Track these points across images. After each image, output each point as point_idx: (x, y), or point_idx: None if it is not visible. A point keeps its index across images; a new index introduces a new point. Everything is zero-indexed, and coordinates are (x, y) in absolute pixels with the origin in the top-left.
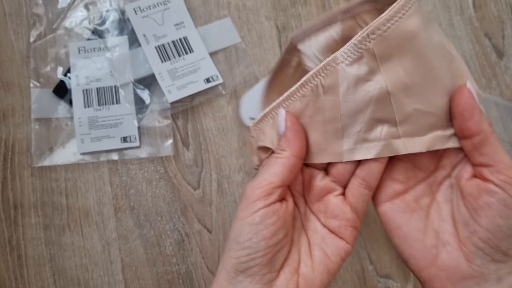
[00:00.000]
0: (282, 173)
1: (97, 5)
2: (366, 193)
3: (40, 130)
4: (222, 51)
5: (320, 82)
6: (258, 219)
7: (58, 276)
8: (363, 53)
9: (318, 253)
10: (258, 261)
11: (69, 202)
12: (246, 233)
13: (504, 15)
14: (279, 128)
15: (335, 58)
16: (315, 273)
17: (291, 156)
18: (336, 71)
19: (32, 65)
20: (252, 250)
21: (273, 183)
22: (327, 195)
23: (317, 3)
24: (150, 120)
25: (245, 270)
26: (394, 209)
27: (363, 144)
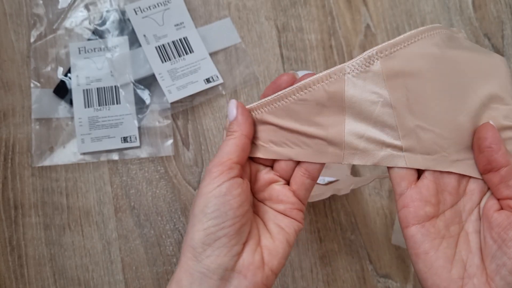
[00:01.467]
0: (236, 150)
1: (98, 5)
2: (309, 182)
3: (41, 130)
4: (222, 51)
5: (323, 88)
6: (224, 190)
7: (59, 276)
8: (370, 68)
9: (274, 227)
10: (226, 231)
11: (70, 202)
12: (213, 204)
13: (503, 15)
14: (231, 114)
15: (342, 69)
16: (276, 242)
17: (242, 135)
18: (342, 80)
19: (33, 65)
20: (220, 220)
21: (231, 159)
22: (271, 185)
23: (317, 3)
24: (150, 120)
25: (213, 241)
26: (424, 233)
27: (364, 151)
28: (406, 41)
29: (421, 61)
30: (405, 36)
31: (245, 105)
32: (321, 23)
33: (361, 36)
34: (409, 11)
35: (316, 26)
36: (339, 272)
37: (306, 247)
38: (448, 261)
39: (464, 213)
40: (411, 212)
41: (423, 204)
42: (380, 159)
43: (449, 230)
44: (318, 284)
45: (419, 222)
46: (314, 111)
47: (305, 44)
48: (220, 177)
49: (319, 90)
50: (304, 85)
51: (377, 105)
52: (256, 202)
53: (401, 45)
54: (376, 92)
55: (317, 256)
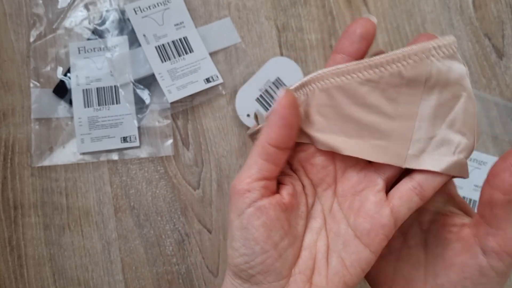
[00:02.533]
0: (257, 164)
1: (97, 5)
2: (416, 200)
3: (40, 130)
4: (222, 51)
5: (399, 71)
6: (245, 222)
7: (58, 276)
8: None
9: (335, 262)
10: (258, 269)
11: (69, 202)
12: (238, 238)
13: (504, 15)
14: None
15: (426, 50)
16: (328, 284)
17: (265, 143)
18: (425, 64)
19: (32, 65)
20: (248, 258)
21: (250, 177)
22: (365, 190)
23: (317, 3)
24: (150, 120)
25: (249, 278)
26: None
27: (433, 154)
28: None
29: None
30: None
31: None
32: (321, 23)
33: None
34: (409, 10)
35: (316, 26)
36: None
37: None
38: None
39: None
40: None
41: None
42: (450, 165)
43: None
44: None
45: None
46: (382, 96)
47: (305, 44)
48: (239, 204)
49: (393, 72)
50: (376, 63)
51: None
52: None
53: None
54: (460, 83)
55: None
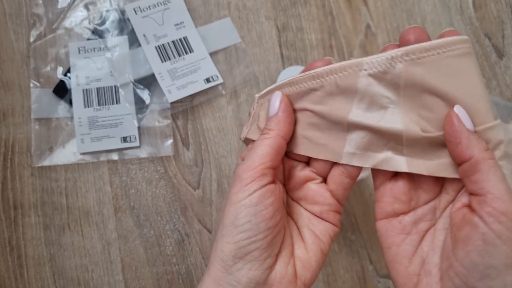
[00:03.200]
0: (270, 154)
1: (97, 5)
2: (348, 181)
3: (40, 130)
4: (222, 51)
5: (335, 81)
6: (255, 200)
7: (58, 276)
8: (390, 70)
9: (308, 234)
10: (259, 244)
11: (69, 202)
12: (244, 215)
13: (504, 15)
14: (272, 108)
15: (360, 64)
16: (309, 253)
17: (278, 136)
18: (356, 76)
19: (32, 65)
20: (252, 233)
21: (264, 163)
22: (307, 183)
23: (317, 3)
24: (150, 120)
25: (244, 255)
26: (390, 228)
27: (364, 152)
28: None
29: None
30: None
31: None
32: (321, 22)
33: (361, 36)
34: (409, 10)
35: (316, 25)
36: (340, 273)
37: None
38: (406, 257)
39: (438, 210)
40: (380, 207)
41: (391, 201)
42: (380, 161)
43: (417, 226)
44: (318, 284)
45: (386, 217)
46: (323, 102)
47: (305, 44)
48: (252, 184)
49: (330, 82)
50: (317, 74)
51: (386, 111)
52: (290, 202)
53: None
54: (388, 97)
55: None
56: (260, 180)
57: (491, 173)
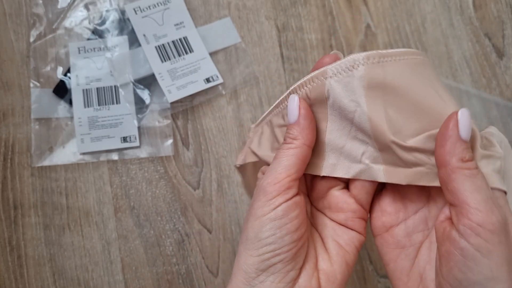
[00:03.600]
0: (296, 164)
1: (97, 5)
2: (369, 184)
3: (40, 130)
4: (222, 51)
5: (306, 94)
6: (281, 213)
7: (58, 276)
8: (353, 72)
9: (332, 245)
10: (282, 257)
11: (69, 202)
12: (268, 228)
13: (504, 15)
14: (291, 115)
15: (324, 72)
16: (334, 266)
17: (304, 145)
18: (323, 85)
19: (32, 65)
20: (276, 246)
21: (290, 176)
22: (330, 190)
23: (317, 3)
24: (150, 120)
25: (267, 267)
26: (384, 244)
27: (345, 162)
28: (397, 56)
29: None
30: (397, 51)
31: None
32: (321, 22)
33: (361, 36)
34: (409, 10)
35: (316, 25)
36: None
37: None
38: (404, 272)
39: (430, 221)
40: (371, 223)
41: (379, 214)
42: (359, 172)
43: (410, 238)
44: None
45: (379, 233)
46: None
47: (305, 44)
48: (278, 198)
49: (303, 95)
50: (292, 90)
51: (355, 115)
52: (314, 212)
53: (391, 58)
54: (354, 100)
55: None
56: (285, 193)
57: (467, 182)
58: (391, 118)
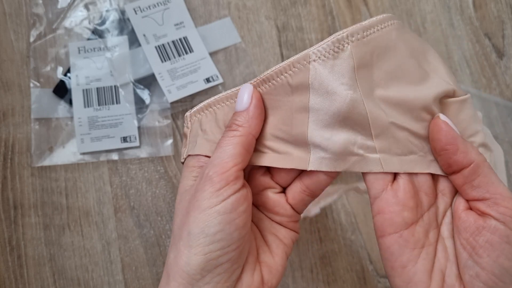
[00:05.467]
0: (241, 153)
1: (97, 5)
2: (308, 199)
3: (40, 130)
4: (222, 51)
5: (286, 81)
6: (230, 207)
7: (58, 276)
8: (339, 54)
9: (272, 239)
10: (231, 255)
11: (69, 202)
12: (216, 223)
13: (504, 15)
14: (242, 102)
15: (306, 56)
16: (275, 258)
17: (250, 134)
18: (306, 70)
19: (32, 65)
20: (225, 243)
21: (237, 165)
22: (265, 190)
23: (317, 3)
24: (150, 120)
25: (214, 268)
26: (402, 243)
27: (332, 155)
28: (378, 24)
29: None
30: (377, 19)
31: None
32: (321, 22)
33: None
34: (409, 10)
35: (316, 25)
36: (340, 273)
37: (306, 247)
38: (427, 274)
39: (439, 215)
40: (387, 219)
41: (399, 209)
42: (352, 164)
43: (428, 236)
44: (319, 284)
45: (397, 231)
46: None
47: (305, 44)
48: (225, 189)
49: (283, 83)
50: (268, 77)
51: (346, 99)
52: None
53: (374, 28)
54: (345, 83)
55: (317, 257)
56: (234, 183)
57: (492, 175)
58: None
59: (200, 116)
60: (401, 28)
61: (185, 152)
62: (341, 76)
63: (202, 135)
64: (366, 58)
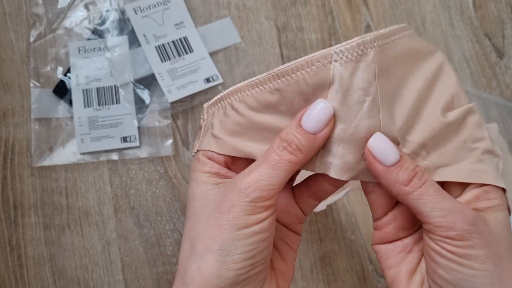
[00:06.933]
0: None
1: (97, 5)
2: (315, 203)
3: (40, 130)
4: (222, 51)
5: (303, 78)
6: (266, 227)
7: (58, 276)
8: (362, 58)
9: (281, 245)
10: (259, 269)
11: (69, 202)
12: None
13: (504, 15)
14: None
15: (327, 55)
16: (287, 264)
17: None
18: (327, 70)
19: (32, 65)
20: (258, 259)
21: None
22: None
23: (317, 3)
24: (150, 120)
25: (242, 281)
26: (391, 248)
27: (341, 160)
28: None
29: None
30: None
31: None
32: (321, 22)
33: None
34: (409, 10)
35: (317, 25)
36: (340, 272)
37: (306, 247)
38: (408, 276)
39: None
40: (382, 236)
41: (396, 231)
42: (359, 172)
43: (419, 243)
44: (319, 284)
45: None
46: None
47: (305, 44)
48: (267, 211)
49: (298, 80)
50: (282, 72)
51: (363, 105)
52: None
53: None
54: (363, 88)
55: (317, 256)
56: (274, 207)
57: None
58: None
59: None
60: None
61: (197, 145)
62: (361, 81)
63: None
64: (384, 66)
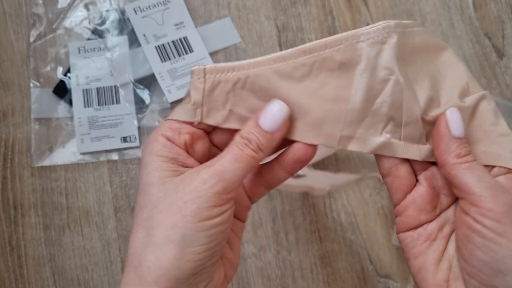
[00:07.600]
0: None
1: (97, 5)
2: (265, 191)
3: (40, 130)
4: (222, 51)
5: (331, 55)
6: (227, 219)
7: (58, 276)
8: (388, 40)
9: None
10: (215, 259)
11: (69, 202)
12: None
13: (504, 15)
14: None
15: (355, 36)
16: (234, 252)
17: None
18: (354, 49)
19: (32, 65)
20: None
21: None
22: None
23: (317, 3)
24: (150, 120)
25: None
26: (415, 237)
27: (362, 135)
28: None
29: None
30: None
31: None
32: (321, 22)
33: None
34: (409, 10)
35: (316, 25)
36: (340, 273)
37: (306, 247)
38: (435, 264)
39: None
40: (404, 221)
41: (417, 213)
42: (378, 146)
43: (443, 230)
44: (319, 284)
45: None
46: (316, 80)
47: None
48: (229, 204)
49: (326, 56)
50: (310, 48)
51: (388, 84)
52: None
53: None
54: (388, 68)
55: (317, 256)
56: (233, 199)
57: (467, 175)
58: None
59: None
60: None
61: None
62: (386, 61)
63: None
64: (405, 52)
